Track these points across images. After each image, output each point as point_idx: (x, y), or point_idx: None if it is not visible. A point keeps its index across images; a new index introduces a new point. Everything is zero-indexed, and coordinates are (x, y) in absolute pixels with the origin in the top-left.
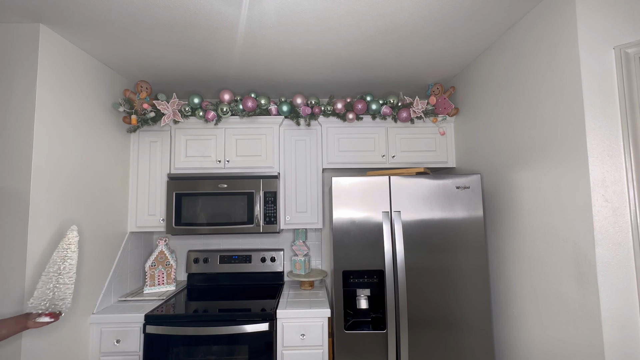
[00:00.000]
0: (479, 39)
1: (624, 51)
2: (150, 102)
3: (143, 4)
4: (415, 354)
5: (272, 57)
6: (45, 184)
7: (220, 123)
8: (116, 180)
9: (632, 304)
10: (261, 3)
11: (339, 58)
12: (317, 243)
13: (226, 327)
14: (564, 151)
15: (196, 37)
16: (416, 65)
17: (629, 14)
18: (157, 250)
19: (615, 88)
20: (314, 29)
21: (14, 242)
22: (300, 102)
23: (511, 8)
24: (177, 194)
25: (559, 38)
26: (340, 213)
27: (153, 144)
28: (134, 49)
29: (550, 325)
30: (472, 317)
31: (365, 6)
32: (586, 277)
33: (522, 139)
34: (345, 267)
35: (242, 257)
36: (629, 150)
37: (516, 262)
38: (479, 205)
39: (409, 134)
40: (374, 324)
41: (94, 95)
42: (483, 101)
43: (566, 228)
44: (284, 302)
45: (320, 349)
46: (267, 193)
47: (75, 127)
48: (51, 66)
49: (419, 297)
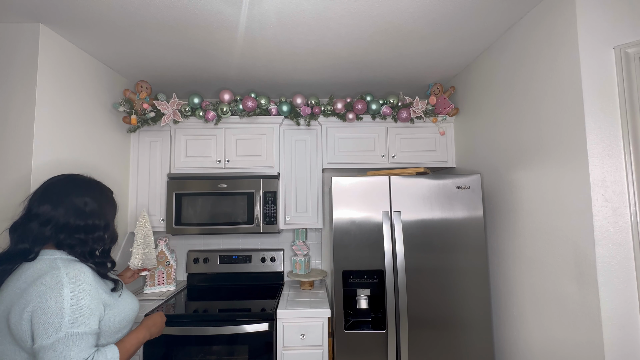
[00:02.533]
0: (479, 39)
1: (624, 51)
2: (150, 102)
3: (143, 4)
4: (415, 354)
5: (272, 57)
6: None
7: (220, 123)
8: (116, 180)
9: (632, 304)
10: (261, 3)
11: (339, 58)
12: (317, 243)
13: (226, 327)
14: (564, 151)
15: (196, 37)
16: (416, 65)
17: (629, 14)
18: (157, 250)
19: (615, 88)
20: (314, 29)
21: None
22: (300, 102)
23: (511, 8)
24: (177, 194)
25: (559, 38)
26: (340, 213)
27: (153, 144)
28: (134, 49)
29: (550, 325)
30: (472, 317)
31: (365, 6)
32: (586, 277)
33: (522, 139)
34: (345, 267)
35: (242, 257)
36: (629, 150)
37: (516, 262)
38: (479, 205)
39: (409, 134)
40: (374, 324)
41: (94, 95)
42: (483, 101)
43: (566, 228)
44: (284, 302)
45: (320, 349)
46: (267, 193)
47: (75, 127)
48: (51, 66)
49: (419, 297)
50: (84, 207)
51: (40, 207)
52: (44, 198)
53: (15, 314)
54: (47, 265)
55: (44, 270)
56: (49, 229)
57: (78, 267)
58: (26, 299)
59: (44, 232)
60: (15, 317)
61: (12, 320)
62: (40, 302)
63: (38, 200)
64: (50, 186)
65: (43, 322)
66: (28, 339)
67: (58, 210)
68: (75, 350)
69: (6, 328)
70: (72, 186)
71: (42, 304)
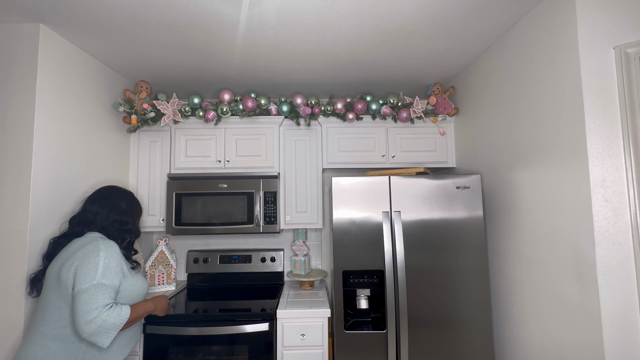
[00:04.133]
0: (479, 39)
1: (624, 51)
2: (150, 102)
3: (143, 4)
4: (415, 354)
5: (272, 57)
6: (45, 184)
7: (220, 123)
8: (116, 180)
9: (632, 304)
10: (261, 3)
11: (339, 58)
12: (317, 243)
13: (226, 327)
14: (564, 151)
15: (196, 37)
16: (416, 65)
17: (629, 14)
18: (157, 250)
19: (615, 88)
20: (314, 29)
21: (14, 241)
22: (300, 102)
23: (511, 8)
24: (177, 194)
25: (559, 38)
26: (340, 213)
27: (153, 144)
28: (134, 49)
29: (550, 325)
30: (472, 317)
31: (365, 6)
32: (586, 277)
33: (522, 139)
34: (345, 267)
35: (242, 257)
36: (629, 150)
37: (516, 262)
38: (479, 205)
39: (409, 134)
40: (374, 324)
41: (94, 95)
42: (483, 101)
43: (566, 228)
44: (284, 302)
45: (320, 349)
46: (267, 193)
47: (75, 127)
48: (51, 66)
49: (419, 297)
50: (121, 208)
51: (92, 206)
52: (95, 200)
53: (65, 268)
54: (90, 239)
55: (88, 242)
56: (97, 218)
57: (112, 243)
58: (74, 258)
59: (93, 221)
60: (64, 270)
61: (62, 273)
62: (83, 259)
63: (90, 202)
64: (99, 192)
65: (83, 273)
66: (70, 287)
67: (104, 208)
68: (101, 296)
69: (57, 281)
70: (115, 194)
71: (84, 260)
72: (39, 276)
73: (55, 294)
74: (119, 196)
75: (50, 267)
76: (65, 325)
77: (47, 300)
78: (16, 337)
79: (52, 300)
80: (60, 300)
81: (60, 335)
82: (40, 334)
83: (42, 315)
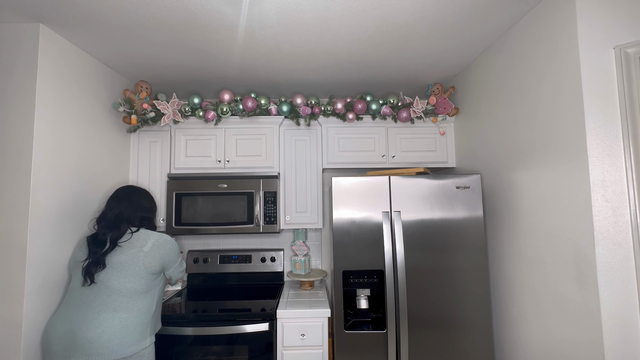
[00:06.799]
0: (478, 39)
1: (624, 51)
2: (150, 102)
3: (143, 4)
4: (415, 354)
5: (272, 57)
6: (45, 184)
7: (220, 123)
8: (116, 180)
9: (632, 304)
10: (261, 3)
11: (339, 58)
12: (317, 243)
13: (226, 327)
14: (563, 151)
15: (196, 37)
16: (416, 65)
17: (629, 14)
18: None
19: (615, 88)
20: (314, 29)
21: (14, 241)
22: (300, 102)
23: (511, 8)
24: (177, 194)
25: (559, 38)
26: (340, 213)
27: (153, 144)
28: (133, 48)
29: (550, 325)
30: (472, 317)
31: (365, 6)
32: (586, 277)
33: (522, 139)
34: (345, 267)
35: (242, 257)
36: (629, 150)
37: (516, 262)
38: (479, 205)
39: (409, 134)
40: (374, 324)
41: (94, 95)
42: (483, 101)
43: (566, 228)
44: (284, 302)
45: (320, 349)
46: (267, 193)
47: (75, 127)
48: (51, 66)
49: (419, 297)
50: (143, 204)
51: (120, 205)
52: (117, 199)
53: (149, 258)
54: (143, 232)
55: (147, 235)
56: (134, 216)
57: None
58: (155, 250)
59: (128, 217)
60: (149, 259)
61: (148, 263)
62: (165, 246)
63: (113, 201)
64: (120, 192)
65: (171, 256)
66: (157, 269)
67: (132, 206)
68: (184, 264)
69: (142, 267)
70: (139, 192)
71: (166, 247)
72: (92, 267)
73: (145, 275)
74: (142, 194)
75: (115, 257)
76: (146, 300)
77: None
78: (16, 337)
79: (145, 277)
80: (148, 276)
81: (141, 307)
82: (127, 308)
83: (125, 293)
